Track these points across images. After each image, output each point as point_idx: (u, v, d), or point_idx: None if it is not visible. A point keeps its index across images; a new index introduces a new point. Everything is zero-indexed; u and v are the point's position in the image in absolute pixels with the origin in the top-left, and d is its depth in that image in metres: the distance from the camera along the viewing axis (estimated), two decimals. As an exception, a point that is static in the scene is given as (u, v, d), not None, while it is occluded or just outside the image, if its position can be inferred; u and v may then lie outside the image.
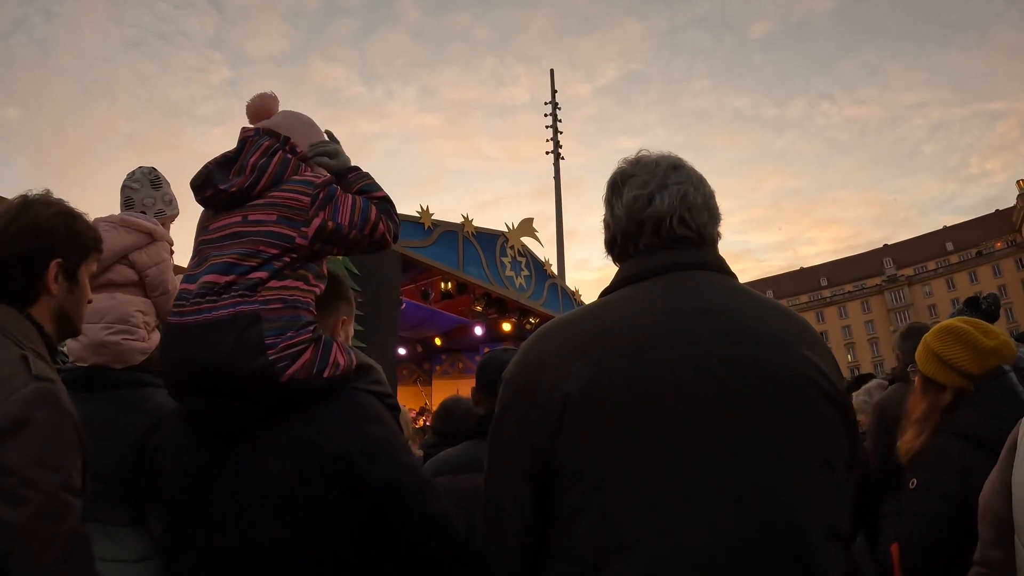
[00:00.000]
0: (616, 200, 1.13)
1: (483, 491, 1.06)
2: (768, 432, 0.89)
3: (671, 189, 1.09)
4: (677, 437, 0.88)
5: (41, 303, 1.25)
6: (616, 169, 1.17)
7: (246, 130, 1.37)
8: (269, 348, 1.12)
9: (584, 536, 0.89)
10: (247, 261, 1.18)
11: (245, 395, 1.14)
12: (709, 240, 1.10)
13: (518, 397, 1.02)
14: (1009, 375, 1.70)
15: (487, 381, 1.94)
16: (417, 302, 10.58)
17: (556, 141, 19.93)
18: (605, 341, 0.96)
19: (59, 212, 1.29)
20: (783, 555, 0.84)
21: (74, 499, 1.07)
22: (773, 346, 0.96)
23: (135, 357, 1.77)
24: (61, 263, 1.26)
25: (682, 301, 1.00)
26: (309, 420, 1.15)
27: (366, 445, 1.14)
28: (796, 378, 0.94)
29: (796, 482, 0.88)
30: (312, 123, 1.47)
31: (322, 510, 1.11)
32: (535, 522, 0.97)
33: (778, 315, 1.02)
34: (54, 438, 1.08)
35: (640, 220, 1.08)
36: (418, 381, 14.37)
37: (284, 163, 1.29)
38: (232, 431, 1.17)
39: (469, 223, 9.66)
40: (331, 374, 1.18)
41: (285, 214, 1.23)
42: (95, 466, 1.42)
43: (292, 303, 1.19)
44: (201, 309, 1.16)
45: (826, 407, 0.94)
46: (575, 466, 0.91)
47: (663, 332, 0.96)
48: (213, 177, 1.29)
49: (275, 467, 1.12)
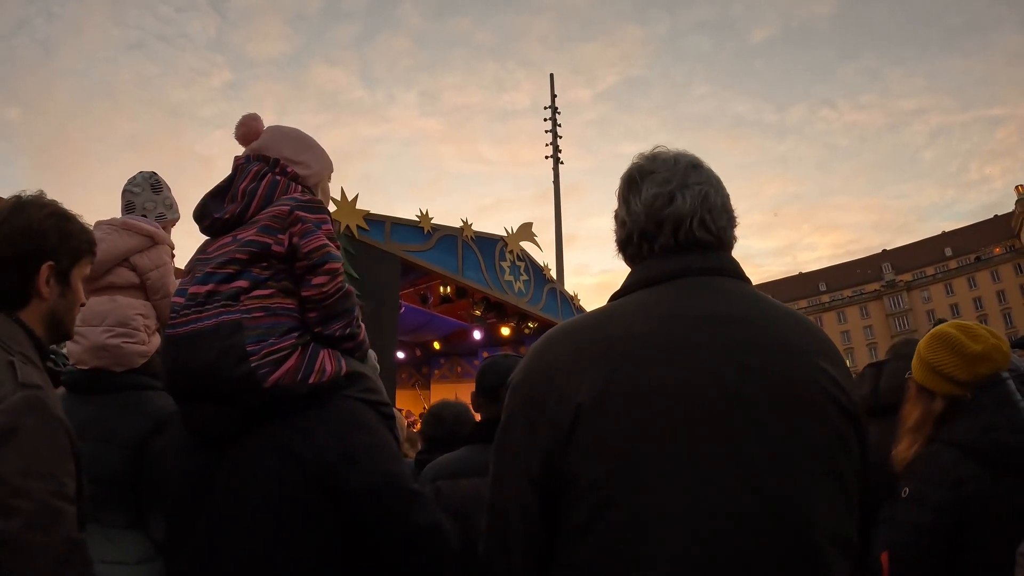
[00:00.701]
0: (633, 196, 1.09)
1: (487, 499, 1.04)
2: (783, 445, 0.87)
3: (692, 189, 1.05)
4: (692, 449, 0.86)
5: (32, 306, 1.23)
6: (632, 164, 1.12)
7: (237, 159, 1.41)
8: (251, 355, 1.14)
9: (595, 549, 0.86)
10: (223, 269, 1.22)
11: (231, 400, 1.16)
12: (727, 244, 1.07)
13: (527, 405, 0.98)
14: (1006, 383, 1.65)
15: (487, 387, 1.95)
16: (416, 306, 10.59)
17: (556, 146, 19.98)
18: (618, 349, 0.93)
19: (52, 213, 1.28)
20: (796, 571, 0.83)
21: (67, 505, 1.06)
22: (789, 356, 0.94)
23: (135, 360, 1.78)
24: (53, 266, 1.24)
25: (698, 308, 0.97)
26: (294, 426, 1.16)
27: (347, 451, 1.14)
28: (811, 389, 0.92)
29: (810, 496, 0.86)
30: (299, 135, 1.48)
31: (303, 516, 1.11)
32: (542, 532, 0.94)
33: (794, 323, 1.00)
34: (43, 445, 1.06)
35: (660, 219, 1.04)
36: (417, 385, 14.36)
37: (273, 185, 1.34)
38: (222, 434, 1.19)
39: (468, 227, 9.68)
40: (317, 380, 1.18)
41: (265, 223, 1.26)
42: (95, 469, 1.41)
43: (274, 311, 1.21)
44: (188, 320, 1.19)
45: (840, 419, 0.93)
46: (587, 477, 0.88)
47: (678, 341, 0.93)
48: (209, 208, 1.35)
49: (257, 471, 1.14)
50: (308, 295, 1.25)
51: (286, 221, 1.26)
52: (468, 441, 1.96)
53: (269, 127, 1.48)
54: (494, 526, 1.01)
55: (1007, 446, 1.56)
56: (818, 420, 0.91)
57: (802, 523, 0.85)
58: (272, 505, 1.11)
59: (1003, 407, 1.61)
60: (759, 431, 0.87)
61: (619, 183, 1.14)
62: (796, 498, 0.86)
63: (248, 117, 1.47)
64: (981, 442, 1.59)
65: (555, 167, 19.74)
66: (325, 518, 1.12)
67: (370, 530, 1.14)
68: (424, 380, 14.48)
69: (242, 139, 1.46)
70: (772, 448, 0.87)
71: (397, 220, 8.36)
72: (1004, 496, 1.53)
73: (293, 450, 1.13)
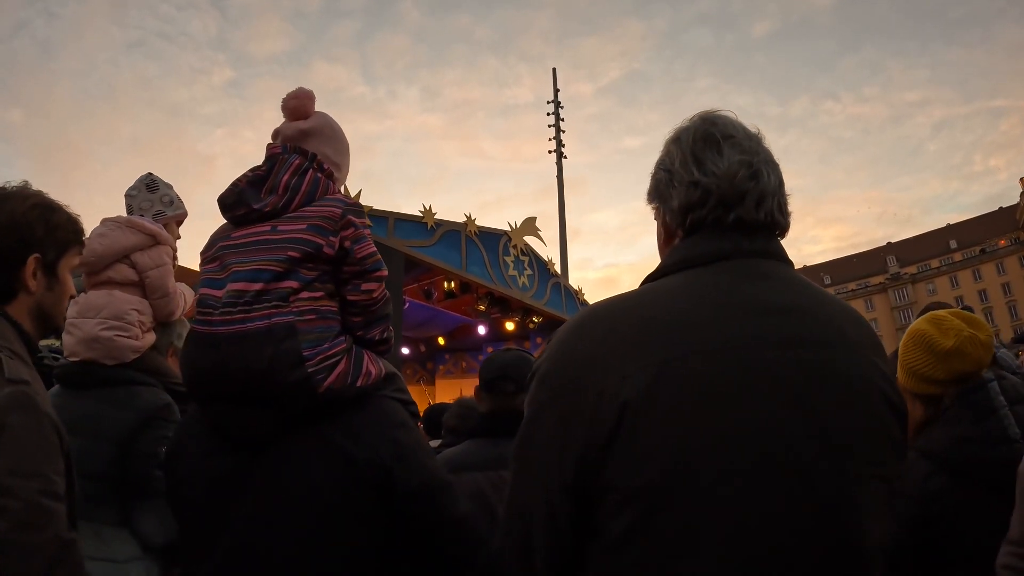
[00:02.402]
0: (712, 155, 0.95)
1: (507, 498, 0.94)
2: (840, 450, 0.82)
3: (773, 168, 0.96)
4: (747, 455, 0.78)
5: (19, 300, 1.20)
6: (704, 120, 1.00)
7: (272, 147, 1.36)
8: (307, 360, 1.11)
9: (639, 561, 0.79)
10: (274, 267, 1.16)
11: (280, 404, 1.13)
12: (786, 231, 0.99)
13: (557, 398, 0.87)
14: (988, 387, 1.53)
15: (486, 380, 1.96)
16: (420, 302, 10.57)
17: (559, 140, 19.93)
18: (667, 340, 0.83)
19: (36, 205, 1.23)
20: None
21: (56, 504, 1.02)
22: (845, 350, 0.87)
23: (127, 354, 1.79)
24: (39, 258, 1.21)
25: (753, 295, 0.88)
26: (340, 427, 1.15)
27: (397, 451, 1.15)
28: (867, 388, 0.86)
29: (863, 504, 0.81)
30: (342, 137, 1.46)
31: (352, 515, 1.11)
32: (570, 540, 0.86)
33: (846, 314, 0.93)
34: (30, 443, 1.03)
35: (743, 190, 0.93)
36: (422, 381, 14.36)
37: (315, 183, 1.29)
38: (263, 438, 1.16)
39: (472, 222, 9.65)
40: (364, 383, 1.20)
41: (316, 223, 1.22)
42: (85, 464, 1.38)
43: (324, 314, 1.19)
44: (233, 319, 1.13)
45: (891, 419, 0.87)
46: (631, 483, 0.79)
47: (734, 332, 0.84)
48: (246, 196, 1.28)
49: (308, 473, 1.12)
50: (356, 299, 1.25)
51: (338, 224, 1.23)
52: (472, 435, 1.97)
53: (319, 112, 1.43)
54: (514, 530, 0.92)
55: (981, 460, 1.47)
56: (873, 421, 0.85)
57: (856, 533, 0.80)
58: (322, 506, 1.10)
59: (981, 417, 1.51)
60: (818, 435, 0.81)
61: (681, 137, 0.99)
62: (851, 506, 0.80)
63: (304, 92, 1.41)
64: (954, 455, 1.50)
65: (558, 162, 19.69)
66: (372, 516, 1.12)
67: (418, 526, 1.15)
68: (429, 376, 14.49)
69: (290, 113, 1.40)
70: (830, 454, 0.81)
71: (400, 216, 8.33)
72: (977, 510, 1.45)
73: (346, 452, 1.12)
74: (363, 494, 1.11)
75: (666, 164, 1.00)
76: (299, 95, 1.40)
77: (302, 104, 1.40)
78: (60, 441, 1.08)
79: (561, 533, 0.86)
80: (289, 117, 1.40)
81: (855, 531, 0.80)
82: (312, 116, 1.41)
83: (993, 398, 1.51)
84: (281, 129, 1.39)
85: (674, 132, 1.03)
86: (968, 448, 1.49)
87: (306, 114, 1.40)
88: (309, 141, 1.37)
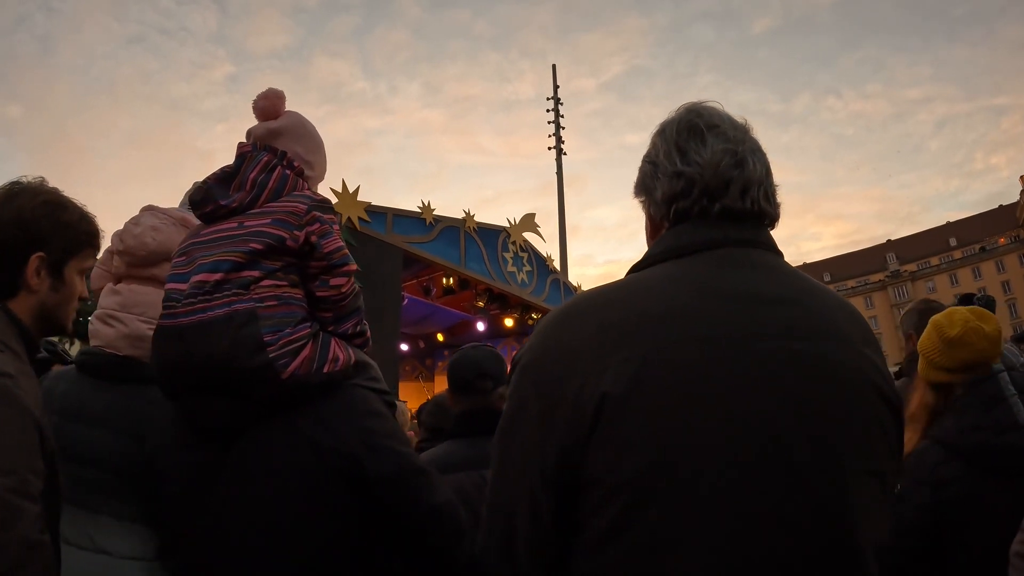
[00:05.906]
0: (696, 145, 0.94)
1: (488, 497, 0.92)
2: (831, 444, 0.79)
3: (759, 156, 0.95)
4: (735, 449, 0.76)
5: (21, 298, 1.16)
6: (689, 111, 0.99)
7: (243, 145, 1.38)
8: (269, 345, 1.12)
9: (623, 557, 0.77)
10: (235, 257, 1.18)
11: (245, 392, 1.13)
12: (776, 220, 0.98)
13: (540, 390, 0.85)
14: (998, 377, 1.56)
15: (461, 380, 1.89)
16: (419, 298, 10.57)
17: (558, 136, 19.89)
18: (651, 330, 0.81)
19: (47, 202, 1.19)
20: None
21: (27, 504, 0.95)
22: (837, 343, 0.85)
23: None
24: (44, 257, 1.17)
25: (740, 285, 0.86)
26: (309, 416, 1.15)
27: (366, 439, 1.15)
28: (860, 381, 0.84)
29: (855, 500, 0.79)
30: (314, 134, 1.46)
31: (323, 504, 1.11)
32: (553, 537, 0.84)
33: (839, 306, 0.91)
34: (6, 438, 0.96)
35: (727, 179, 0.92)
36: (420, 377, 14.37)
37: (283, 179, 1.31)
38: (231, 428, 1.17)
39: (471, 218, 9.64)
40: (330, 370, 1.19)
41: (280, 217, 1.23)
42: (116, 460, 1.35)
43: (286, 300, 1.19)
44: (194, 309, 1.15)
45: (886, 414, 0.85)
46: (614, 477, 0.77)
47: (720, 322, 0.82)
48: (213, 193, 1.30)
49: (276, 463, 1.12)
50: (325, 295, 1.25)
51: (303, 219, 1.24)
52: (449, 436, 1.92)
53: (290, 111, 1.44)
54: (496, 528, 0.89)
55: (990, 447, 1.50)
56: (865, 415, 0.83)
57: (848, 530, 0.78)
58: (293, 495, 1.10)
59: (991, 405, 1.54)
60: (808, 429, 0.79)
61: (665, 129, 0.99)
62: (842, 503, 0.78)
63: (274, 92, 1.42)
64: (964, 442, 1.53)
65: (558, 158, 19.65)
66: (347, 507, 1.12)
67: (392, 514, 1.15)
68: (428, 372, 14.49)
69: (260, 113, 1.41)
70: (820, 447, 0.79)
71: (399, 212, 8.33)
72: (989, 497, 1.47)
73: (313, 441, 1.12)
74: (331, 483, 1.11)
75: (651, 156, 0.99)
76: (268, 95, 1.42)
77: (272, 104, 1.41)
78: (41, 440, 1.02)
79: (545, 529, 0.84)
80: (260, 117, 1.42)
81: (847, 529, 0.78)
82: (283, 115, 1.42)
83: (1003, 387, 1.54)
84: (252, 129, 1.41)
85: (660, 125, 1.02)
86: (978, 435, 1.51)
87: (276, 113, 1.42)
88: (279, 140, 1.38)
